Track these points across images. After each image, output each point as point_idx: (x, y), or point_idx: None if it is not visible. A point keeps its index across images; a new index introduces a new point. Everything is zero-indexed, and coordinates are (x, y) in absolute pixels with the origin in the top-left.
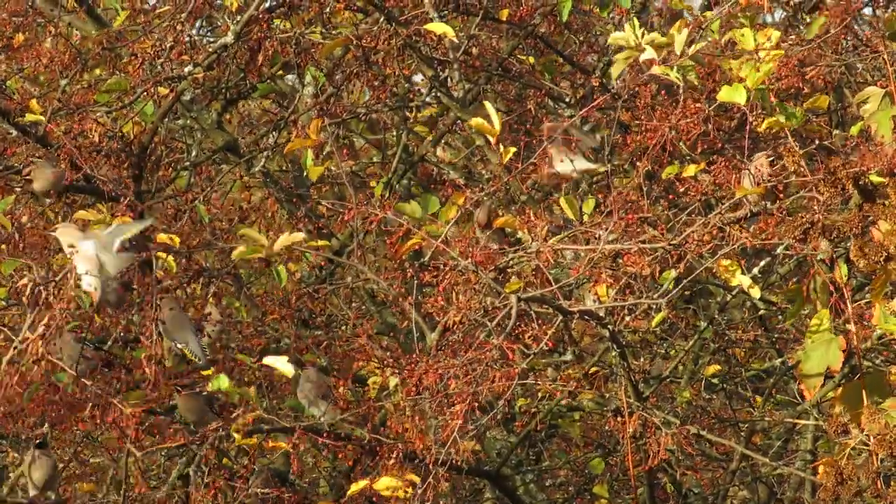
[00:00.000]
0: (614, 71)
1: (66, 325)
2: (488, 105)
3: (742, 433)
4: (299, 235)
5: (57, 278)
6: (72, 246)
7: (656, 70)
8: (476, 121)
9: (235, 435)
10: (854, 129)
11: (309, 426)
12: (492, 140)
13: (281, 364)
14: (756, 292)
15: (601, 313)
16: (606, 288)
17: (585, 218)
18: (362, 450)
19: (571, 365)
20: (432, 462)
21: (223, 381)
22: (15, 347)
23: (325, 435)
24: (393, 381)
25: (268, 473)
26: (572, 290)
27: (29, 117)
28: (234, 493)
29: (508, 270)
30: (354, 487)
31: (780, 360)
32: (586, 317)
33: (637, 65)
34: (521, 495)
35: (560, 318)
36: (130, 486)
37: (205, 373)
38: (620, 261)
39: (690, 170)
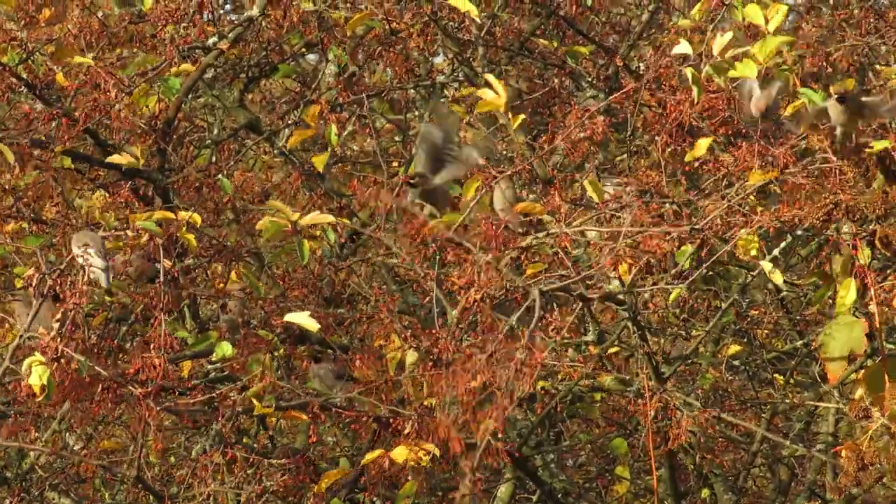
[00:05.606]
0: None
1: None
2: (490, 77)
3: (764, 414)
4: (329, 217)
5: (65, 269)
6: (86, 245)
7: (688, 73)
8: (482, 91)
9: (255, 402)
10: None
11: (325, 402)
12: (500, 110)
13: (303, 320)
14: (778, 277)
15: (621, 296)
16: (628, 266)
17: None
18: (379, 423)
19: (592, 344)
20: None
21: (226, 349)
22: (21, 337)
23: (341, 410)
24: (411, 357)
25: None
26: (592, 271)
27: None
28: (252, 468)
29: (530, 251)
30: (370, 456)
31: (801, 341)
32: (607, 301)
33: (661, 47)
34: (542, 475)
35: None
36: (150, 464)
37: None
38: (640, 240)
39: (702, 145)
